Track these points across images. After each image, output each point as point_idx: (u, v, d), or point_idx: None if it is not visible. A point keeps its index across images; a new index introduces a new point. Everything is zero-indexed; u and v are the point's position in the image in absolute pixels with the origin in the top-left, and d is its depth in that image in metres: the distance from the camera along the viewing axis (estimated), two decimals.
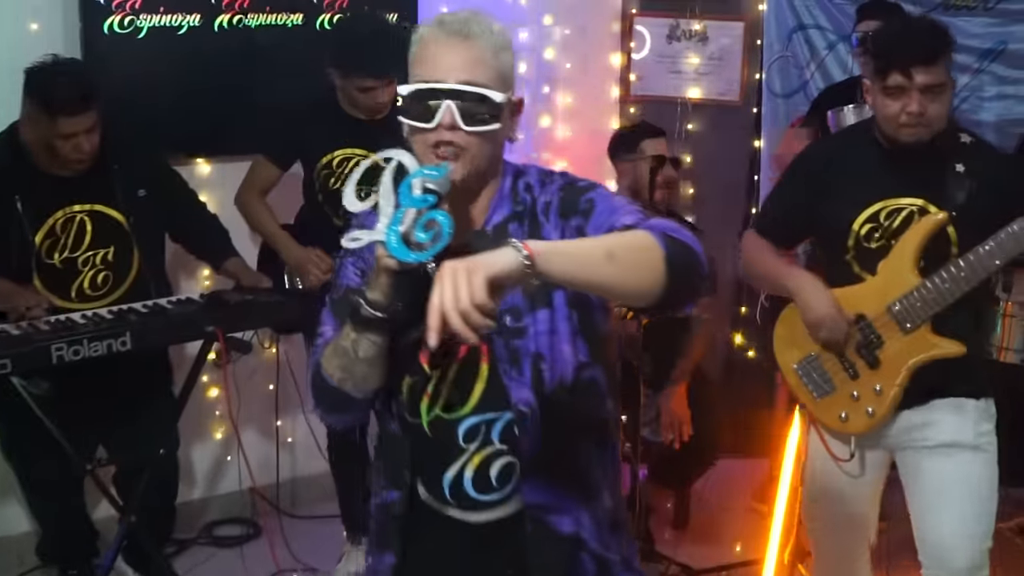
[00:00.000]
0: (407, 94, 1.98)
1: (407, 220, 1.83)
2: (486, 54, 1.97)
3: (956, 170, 3.04)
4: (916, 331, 3.09)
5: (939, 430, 3.13)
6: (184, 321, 3.66)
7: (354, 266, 2.12)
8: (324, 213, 4.13)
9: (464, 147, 1.96)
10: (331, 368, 2.02)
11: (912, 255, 3.06)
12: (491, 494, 2.07)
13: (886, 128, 3.04)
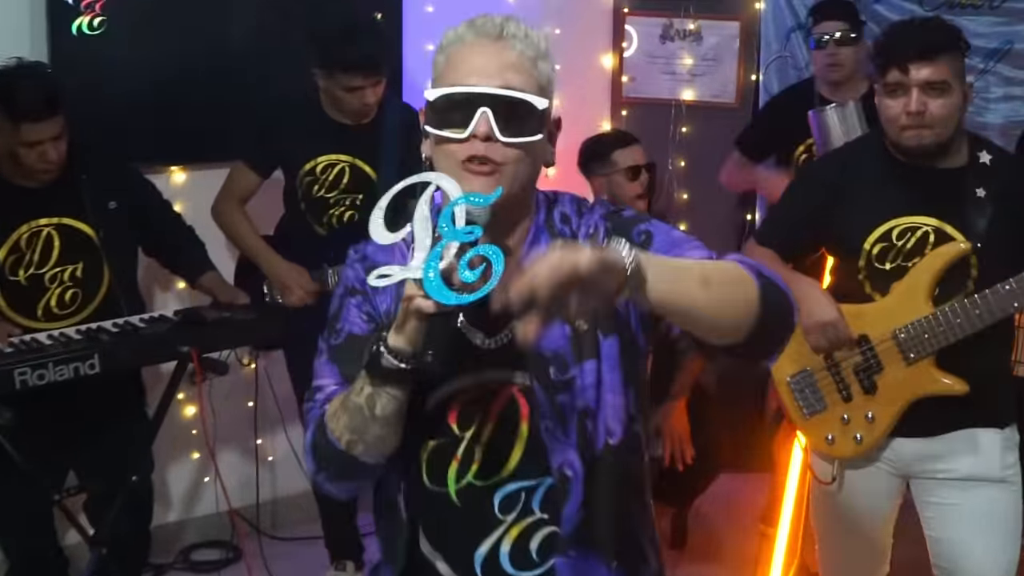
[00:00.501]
0: (434, 100, 1.74)
1: (449, 255, 1.56)
2: (524, 59, 1.75)
3: (977, 195, 2.89)
4: (919, 363, 2.96)
5: (962, 463, 2.99)
6: (157, 341, 3.45)
7: (359, 308, 1.86)
8: (306, 222, 3.99)
9: (501, 162, 1.71)
10: (338, 429, 1.74)
11: (928, 282, 2.92)
12: (531, 570, 1.82)
13: (890, 133, 2.90)
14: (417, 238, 1.61)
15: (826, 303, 3.00)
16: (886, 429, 3.02)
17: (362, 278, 1.83)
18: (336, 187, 3.94)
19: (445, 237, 1.58)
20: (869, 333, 3.00)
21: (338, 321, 1.87)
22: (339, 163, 3.93)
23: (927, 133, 2.83)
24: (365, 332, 1.83)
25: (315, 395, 1.84)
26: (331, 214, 3.97)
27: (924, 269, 2.91)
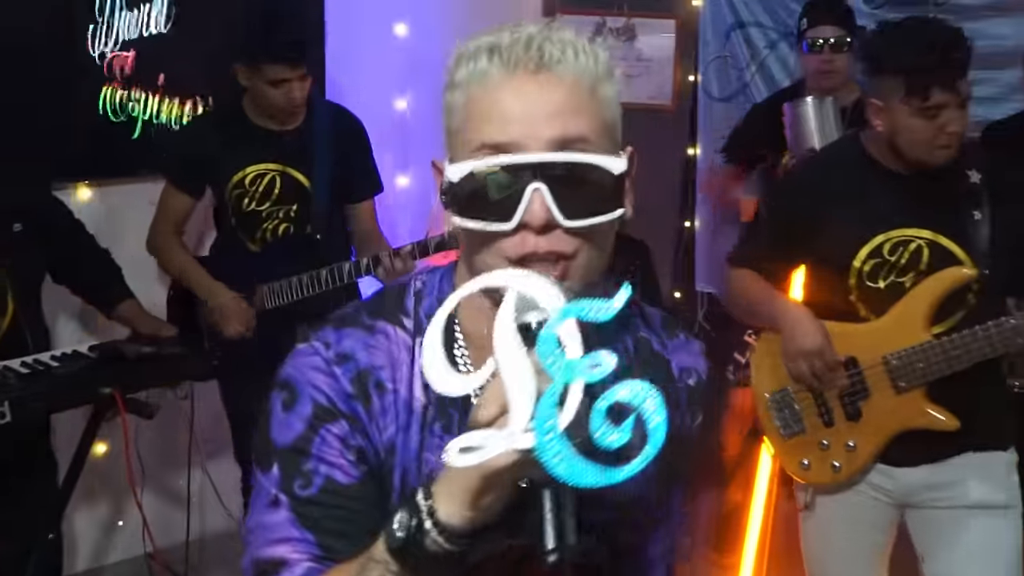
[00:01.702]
0: (460, 179, 1.26)
1: (573, 407, 1.06)
2: (580, 93, 1.27)
3: (974, 218, 2.74)
4: (909, 393, 2.81)
5: (966, 490, 2.85)
6: (73, 382, 3.09)
7: (340, 441, 1.35)
8: (238, 239, 3.77)
9: (568, 253, 1.26)
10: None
11: (927, 307, 2.77)
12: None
13: (914, 152, 2.70)
14: (507, 381, 1.09)
15: (811, 329, 2.84)
16: (867, 460, 2.89)
17: (348, 392, 1.36)
18: (268, 198, 3.72)
19: (559, 378, 1.08)
20: (858, 356, 2.85)
21: (307, 458, 1.35)
22: (269, 172, 3.71)
23: (955, 150, 2.68)
24: (354, 480, 1.35)
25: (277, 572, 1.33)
26: (264, 228, 3.75)
27: (924, 293, 2.75)
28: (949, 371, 2.75)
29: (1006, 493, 2.86)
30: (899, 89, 2.66)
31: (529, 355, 1.10)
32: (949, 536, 2.87)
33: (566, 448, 1.05)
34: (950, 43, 2.65)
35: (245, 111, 3.70)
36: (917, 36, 2.70)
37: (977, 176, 2.77)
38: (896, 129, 2.70)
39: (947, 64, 2.63)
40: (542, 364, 1.08)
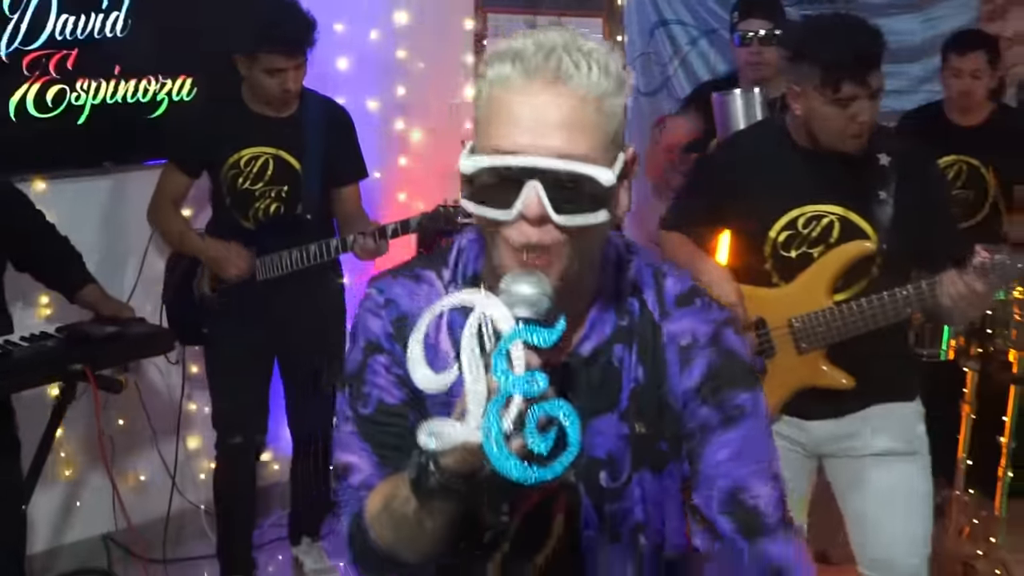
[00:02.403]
0: (474, 172, 1.44)
1: (512, 415, 1.28)
2: (586, 107, 1.42)
3: (879, 196, 2.94)
4: (809, 354, 3.01)
5: (875, 439, 3.05)
6: (45, 360, 3.26)
7: (387, 370, 1.60)
8: (232, 218, 3.96)
9: (552, 246, 1.44)
10: (383, 535, 1.53)
11: (831, 276, 2.97)
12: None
13: (827, 138, 2.90)
14: (467, 386, 1.31)
15: (728, 290, 3.02)
16: (772, 411, 3.05)
17: (389, 332, 1.61)
18: (261, 179, 3.92)
19: (502, 387, 1.29)
20: (767, 318, 3.04)
21: (363, 384, 1.61)
22: (263, 155, 3.91)
23: (866, 138, 2.88)
24: (399, 401, 1.60)
25: (348, 476, 1.61)
26: (256, 207, 3.95)
27: (829, 263, 2.96)
28: (847, 336, 2.94)
29: (912, 441, 3.05)
30: (815, 79, 2.84)
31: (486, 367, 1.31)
32: (860, 481, 3.07)
33: (503, 446, 1.27)
34: (863, 39, 2.83)
35: (243, 98, 3.89)
36: (834, 31, 2.89)
37: (887, 159, 2.96)
38: (811, 115, 2.89)
39: (859, 59, 2.80)
40: (495, 374, 1.30)
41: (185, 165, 3.99)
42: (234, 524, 4.16)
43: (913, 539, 3.06)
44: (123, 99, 4.12)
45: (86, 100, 4.02)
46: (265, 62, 3.74)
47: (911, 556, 3.05)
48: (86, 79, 4.01)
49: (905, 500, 3.07)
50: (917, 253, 2.99)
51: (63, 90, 3.96)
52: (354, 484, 1.60)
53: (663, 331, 1.58)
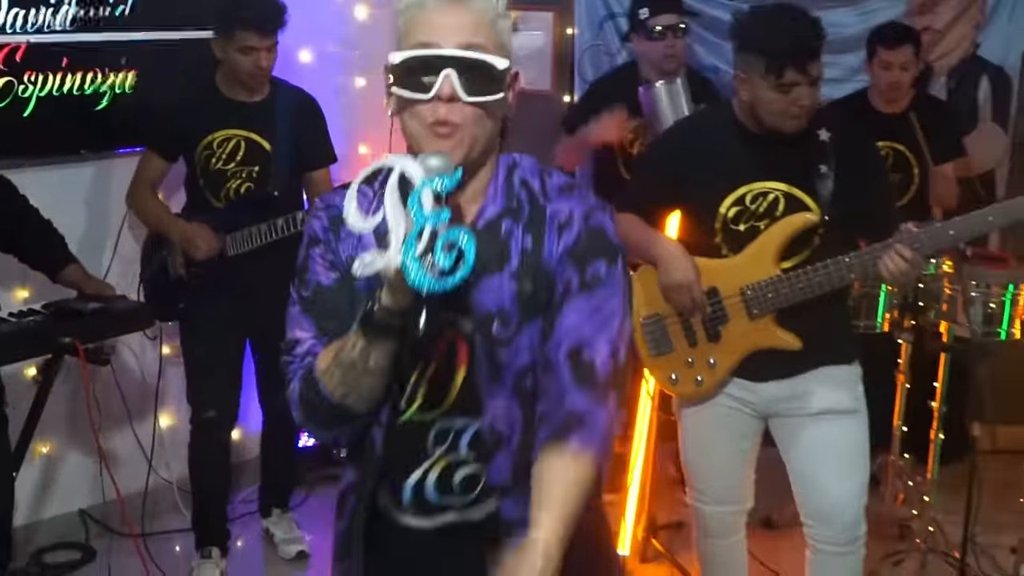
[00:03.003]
0: (399, 63, 1.79)
1: (424, 241, 1.61)
2: (483, 19, 1.81)
3: (820, 170, 3.16)
4: (760, 319, 3.24)
5: (818, 398, 3.28)
6: (35, 334, 3.43)
7: (322, 258, 1.94)
8: (205, 198, 4.16)
9: (462, 123, 1.78)
10: (332, 384, 1.84)
11: (777, 246, 3.19)
12: (452, 498, 1.95)
13: (770, 120, 3.11)
14: (390, 224, 1.65)
15: (685, 264, 3.24)
16: (724, 375, 3.31)
17: (324, 226, 1.95)
18: (233, 159, 4.11)
19: (416, 222, 1.63)
20: (719, 287, 3.26)
21: (306, 272, 1.95)
22: (235, 137, 4.12)
23: (806, 120, 3.11)
24: (331, 282, 1.94)
25: (295, 348, 1.94)
26: (228, 187, 4.13)
27: (775, 234, 3.18)
28: (795, 301, 3.18)
29: (852, 400, 3.29)
30: (759, 66, 3.07)
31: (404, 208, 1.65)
32: (803, 438, 3.30)
33: (418, 266, 1.61)
34: (805, 30, 3.07)
35: (217, 84, 4.11)
36: (777, 22, 3.12)
37: (826, 134, 3.19)
38: (755, 99, 3.12)
39: (800, 49, 3.03)
40: (410, 213, 1.64)
41: (163, 150, 4.17)
42: (209, 497, 4.32)
43: (852, 490, 3.30)
44: (68, 91, 4.24)
45: (33, 93, 4.14)
46: (240, 40, 3.95)
47: (850, 505, 3.30)
48: (33, 71, 4.13)
49: (845, 455, 3.30)
50: (856, 223, 3.20)
51: (10, 83, 4.07)
52: (300, 353, 1.92)
53: (546, 211, 1.91)
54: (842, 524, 3.30)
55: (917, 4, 5.28)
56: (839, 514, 3.30)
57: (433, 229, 1.62)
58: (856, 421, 3.32)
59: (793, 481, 3.38)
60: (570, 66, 5.47)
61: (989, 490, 4.31)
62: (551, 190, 1.93)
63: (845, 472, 3.30)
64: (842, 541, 3.31)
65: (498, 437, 1.90)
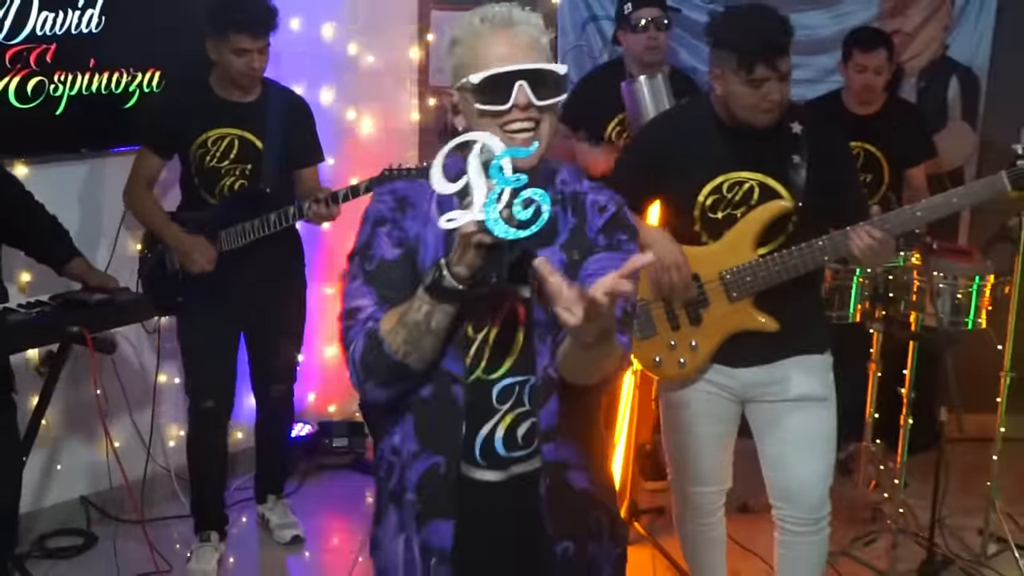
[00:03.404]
0: (479, 82, 2.05)
1: (504, 199, 1.86)
2: (534, 36, 2.11)
3: (793, 161, 3.33)
4: (740, 302, 3.40)
5: (793, 385, 3.44)
6: (45, 323, 3.56)
7: (388, 236, 2.17)
8: (200, 195, 4.29)
9: (538, 123, 2.08)
10: (396, 343, 2.06)
11: (755, 232, 3.36)
12: (518, 452, 2.17)
13: (742, 114, 3.28)
14: (473, 186, 1.88)
15: (672, 247, 3.41)
16: (706, 357, 3.47)
17: (391, 207, 2.19)
18: (226, 157, 4.25)
19: (498, 184, 1.87)
20: (700, 273, 3.43)
21: (370, 248, 2.18)
22: (228, 135, 4.25)
23: (777, 114, 3.28)
24: (394, 257, 2.16)
25: (355, 315, 2.14)
26: (222, 184, 4.27)
27: (752, 220, 3.35)
28: (772, 283, 3.34)
29: (824, 388, 3.46)
30: (731, 63, 3.23)
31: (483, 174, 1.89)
32: (777, 423, 3.47)
33: (500, 218, 1.85)
34: (774, 28, 3.23)
35: (211, 85, 4.24)
36: (748, 21, 3.28)
37: (799, 127, 3.36)
38: (729, 94, 3.28)
39: (769, 46, 3.19)
40: (491, 178, 1.87)
41: (158, 148, 4.31)
42: (207, 482, 4.48)
43: (818, 472, 3.47)
44: (97, 90, 4.42)
45: (64, 92, 4.32)
46: (234, 42, 4.09)
47: (816, 487, 3.47)
48: (63, 71, 4.31)
49: (815, 440, 3.47)
50: (828, 209, 3.36)
51: (42, 82, 4.25)
52: (361, 319, 2.12)
53: (588, 197, 2.23)
54: (808, 505, 3.47)
55: (888, 7, 5.48)
56: (805, 495, 3.47)
57: (513, 189, 1.86)
58: (826, 408, 3.48)
59: (763, 464, 3.55)
60: None
61: (957, 475, 4.48)
62: (587, 186, 2.26)
63: (813, 456, 3.47)
64: (808, 521, 3.48)
65: (549, 385, 2.14)
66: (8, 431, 3.84)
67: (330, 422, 5.45)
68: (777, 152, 3.35)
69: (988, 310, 4.39)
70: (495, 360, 2.14)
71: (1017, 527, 4.65)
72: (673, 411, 3.62)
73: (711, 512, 3.69)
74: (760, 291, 3.38)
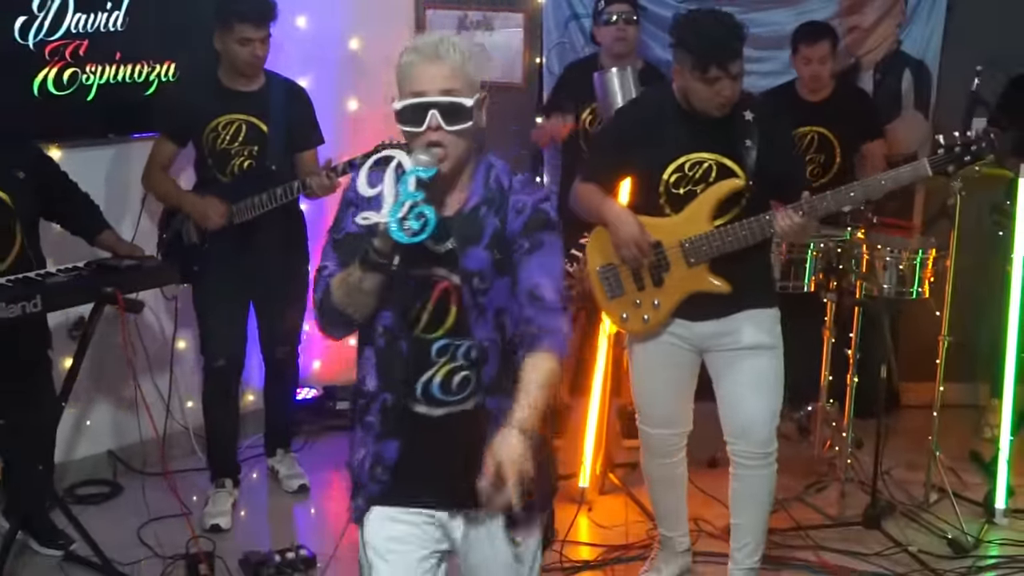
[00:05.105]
0: (401, 108, 2.51)
1: (404, 210, 2.34)
2: (455, 69, 2.50)
3: (746, 144, 3.75)
4: (697, 267, 3.83)
5: (745, 335, 3.88)
6: (82, 284, 4.02)
7: (354, 216, 2.54)
8: (213, 175, 4.71)
9: (447, 144, 2.50)
10: (338, 296, 2.53)
11: (710, 205, 3.79)
12: (451, 396, 2.63)
13: (699, 105, 3.70)
14: (385, 194, 2.38)
15: (631, 222, 3.82)
16: (667, 314, 3.90)
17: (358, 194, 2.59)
18: (236, 139, 4.68)
19: (401, 196, 2.35)
20: (663, 240, 3.85)
21: (341, 222, 2.65)
22: (237, 120, 4.69)
23: (728, 107, 3.71)
24: (356, 231, 2.57)
25: (322, 271, 2.62)
26: (233, 164, 4.70)
27: (709, 196, 3.78)
28: (725, 251, 3.76)
29: (772, 338, 3.89)
30: (688, 62, 3.65)
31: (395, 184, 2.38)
32: (730, 368, 3.90)
33: (397, 225, 2.33)
34: (728, 35, 3.63)
35: (219, 77, 4.68)
36: (703, 26, 3.69)
37: (751, 115, 3.78)
38: (686, 88, 3.72)
39: (722, 51, 3.59)
40: (400, 189, 2.36)
41: (174, 135, 4.75)
42: (221, 434, 4.94)
43: (765, 410, 3.91)
44: (122, 80, 4.92)
45: (94, 81, 4.83)
46: (238, 32, 4.52)
47: (765, 423, 3.91)
48: (94, 64, 4.81)
49: (763, 382, 3.91)
50: (772, 186, 3.79)
51: (76, 72, 4.75)
52: (325, 276, 2.59)
53: (510, 200, 2.61)
54: (757, 440, 3.91)
55: (846, 5, 5.88)
56: (755, 431, 3.90)
57: (412, 203, 2.34)
58: (775, 356, 3.92)
59: (720, 405, 3.98)
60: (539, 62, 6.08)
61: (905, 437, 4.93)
62: (515, 185, 2.64)
63: (762, 396, 3.90)
64: (758, 456, 3.93)
65: (484, 351, 2.59)
66: (47, 387, 4.31)
67: (334, 386, 5.86)
68: (732, 136, 3.76)
69: (931, 281, 4.82)
70: (431, 325, 2.60)
71: (958, 479, 5.07)
72: (638, 360, 4.05)
73: (670, 453, 4.12)
74: (714, 257, 3.80)
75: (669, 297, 3.90)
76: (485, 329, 2.59)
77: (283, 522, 4.97)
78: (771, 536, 4.28)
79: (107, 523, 4.66)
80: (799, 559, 4.47)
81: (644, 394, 4.10)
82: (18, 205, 4.11)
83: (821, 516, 4.85)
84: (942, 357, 4.88)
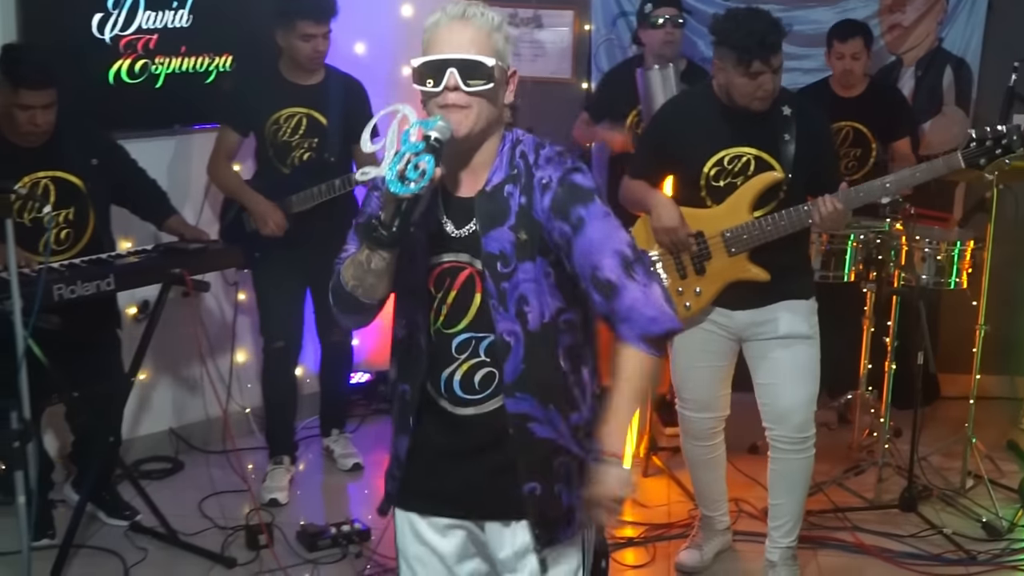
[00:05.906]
0: (418, 66, 2.38)
1: (403, 161, 2.22)
2: (481, 32, 2.37)
3: (785, 139, 3.88)
4: (737, 256, 3.96)
5: (781, 325, 4.00)
6: (152, 265, 4.23)
7: (378, 200, 2.48)
8: (274, 166, 4.88)
9: (466, 105, 2.35)
10: (347, 276, 2.40)
11: (750, 197, 3.91)
12: (474, 395, 2.50)
13: (740, 100, 3.82)
14: (387, 147, 2.26)
15: (672, 212, 3.96)
16: (708, 301, 4.02)
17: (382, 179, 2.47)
18: (296, 132, 4.84)
19: (403, 149, 2.23)
20: (704, 231, 3.98)
21: (366, 207, 2.55)
22: (297, 114, 4.84)
23: (770, 101, 3.83)
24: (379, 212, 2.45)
25: (341, 254, 2.52)
26: (293, 155, 4.86)
27: (749, 188, 3.91)
28: (764, 240, 3.89)
29: (808, 328, 4.00)
30: (731, 58, 3.77)
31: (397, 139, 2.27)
32: (768, 357, 4.02)
33: (395, 176, 2.22)
34: (767, 30, 3.75)
35: (280, 71, 4.84)
36: (745, 22, 3.80)
37: (788, 110, 3.91)
38: (729, 84, 3.84)
39: (764, 46, 3.70)
40: (401, 142, 2.26)
41: (237, 127, 4.92)
42: (280, 413, 5.11)
43: (803, 396, 4.03)
44: (186, 70, 5.16)
45: (162, 71, 5.08)
46: (300, 28, 4.67)
47: (802, 409, 4.03)
48: (162, 56, 5.06)
49: (799, 370, 4.02)
50: (810, 180, 3.92)
51: (146, 63, 5.01)
52: (343, 257, 2.48)
53: (535, 176, 2.44)
54: (794, 425, 4.03)
55: (888, 3, 6.00)
56: (792, 416, 4.02)
57: (412, 154, 2.22)
58: (811, 345, 4.03)
59: (758, 394, 4.10)
60: (587, 57, 6.22)
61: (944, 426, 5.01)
62: (541, 160, 2.45)
63: (798, 383, 4.02)
64: (795, 440, 4.05)
65: (507, 346, 2.45)
66: (116, 364, 4.53)
67: (385, 372, 5.96)
68: (771, 130, 3.90)
69: (968, 272, 4.95)
70: (453, 318, 2.48)
71: (994, 467, 5.17)
72: (678, 346, 4.17)
73: (708, 437, 4.26)
74: (755, 247, 3.93)
75: (710, 285, 4.02)
76: (507, 321, 2.44)
77: (337, 498, 5.13)
78: (809, 517, 4.41)
79: (170, 497, 4.84)
80: (836, 539, 4.59)
81: (683, 379, 4.23)
82: (91, 190, 4.32)
83: (858, 499, 4.96)
84: (979, 346, 4.98)
